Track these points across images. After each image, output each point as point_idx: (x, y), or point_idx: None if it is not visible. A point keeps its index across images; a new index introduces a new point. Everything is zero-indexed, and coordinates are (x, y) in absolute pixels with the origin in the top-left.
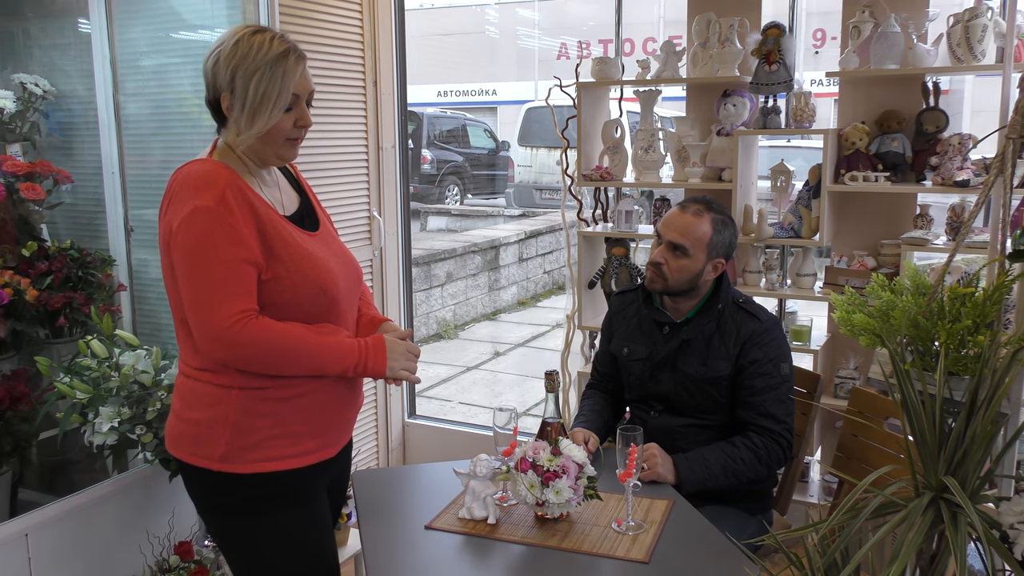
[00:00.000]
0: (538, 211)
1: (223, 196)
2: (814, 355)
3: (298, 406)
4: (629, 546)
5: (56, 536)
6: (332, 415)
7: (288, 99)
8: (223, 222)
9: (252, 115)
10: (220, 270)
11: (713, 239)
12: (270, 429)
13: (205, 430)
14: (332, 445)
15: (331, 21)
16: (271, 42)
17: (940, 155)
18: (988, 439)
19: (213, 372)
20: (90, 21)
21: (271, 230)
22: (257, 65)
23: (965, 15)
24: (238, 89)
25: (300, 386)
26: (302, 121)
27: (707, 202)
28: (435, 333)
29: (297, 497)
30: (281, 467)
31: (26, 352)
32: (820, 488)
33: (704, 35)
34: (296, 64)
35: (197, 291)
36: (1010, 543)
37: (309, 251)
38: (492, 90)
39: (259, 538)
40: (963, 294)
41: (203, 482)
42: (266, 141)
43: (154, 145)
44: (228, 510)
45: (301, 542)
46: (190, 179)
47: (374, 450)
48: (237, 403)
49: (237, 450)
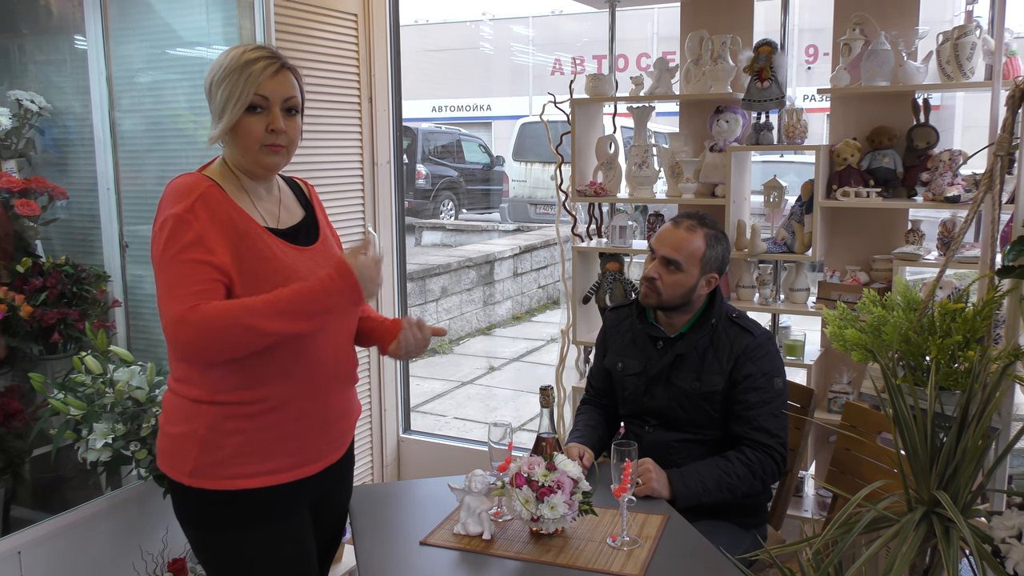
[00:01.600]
0: (533, 226)
1: (192, 205)
2: (807, 370)
3: (267, 422)
4: (624, 561)
5: (49, 553)
6: (305, 432)
7: (248, 98)
8: (188, 227)
9: (218, 116)
10: (181, 268)
11: (706, 254)
12: (237, 447)
13: (179, 444)
14: (310, 463)
15: (326, 37)
16: (244, 52)
17: (931, 171)
18: (979, 453)
19: (188, 384)
20: (86, 37)
21: (247, 241)
22: (227, 71)
23: (954, 33)
24: (212, 96)
25: (267, 401)
26: (273, 125)
27: (700, 217)
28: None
29: (269, 515)
30: (250, 485)
31: (20, 368)
32: (814, 502)
33: (697, 52)
34: (265, 69)
35: (161, 291)
36: (1002, 557)
37: (287, 264)
38: (487, 105)
39: (230, 553)
40: (953, 309)
41: (177, 495)
42: (242, 148)
43: (149, 161)
44: (200, 524)
45: (271, 562)
46: (170, 193)
47: (369, 466)
48: (206, 419)
49: (205, 466)
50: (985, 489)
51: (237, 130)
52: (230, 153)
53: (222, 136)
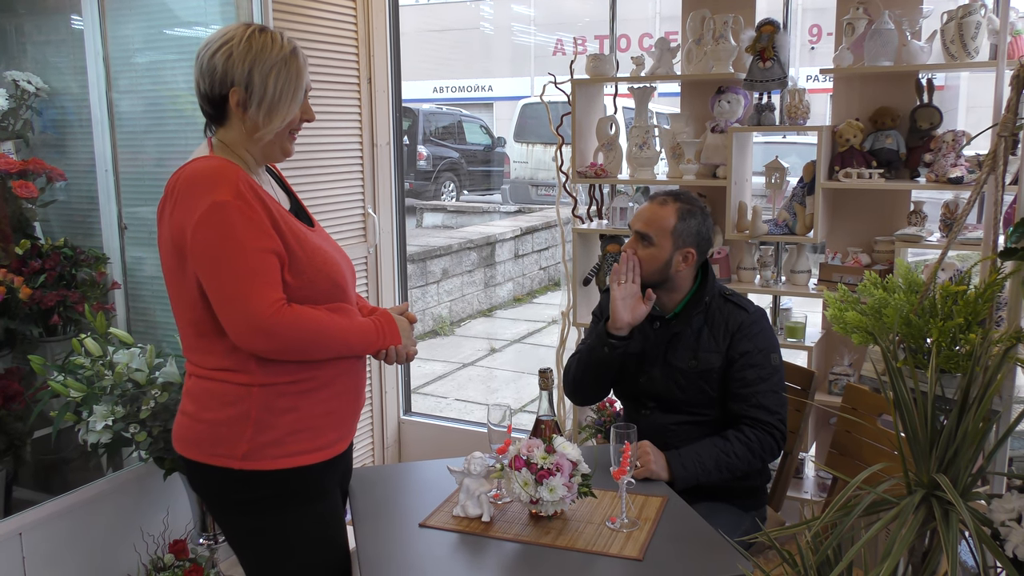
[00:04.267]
0: (534, 207)
1: (238, 189)
2: (808, 352)
3: (317, 399)
4: (623, 543)
5: (50, 535)
6: (347, 405)
7: (303, 93)
8: (244, 215)
9: (270, 111)
10: (250, 261)
11: (677, 226)
12: (291, 424)
13: (225, 430)
14: (347, 437)
15: (325, 17)
16: (282, 40)
17: (934, 152)
18: (979, 436)
19: (232, 371)
20: (83, 18)
21: (283, 225)
22: (273, 62)
23: (959, 12)
24: (255, 85)
25: (317, 379)
26: (308, 115)
27: (675, 193)
28: (431, 330)
29: (318, 492)
30: (304, 462)
31: (20, 351)
32: (814, 484)
33: (699, 32)
34: (305, 62)
35: (229, 286)
36: (1001, 540)
37: (317, 245)
38: (488, 86)
39: (280, 534)
40: (955, 292)
41: (223, 481)
42: (278, 135)
43: (148, 142)
44: (249, 508)
45: (320, 538)
46: (199, 176)
47: (369, 447)
48: (258, 400)
49: (260, 447)
50: (985, 472)
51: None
52: (245, 140)
53: (276, 131)
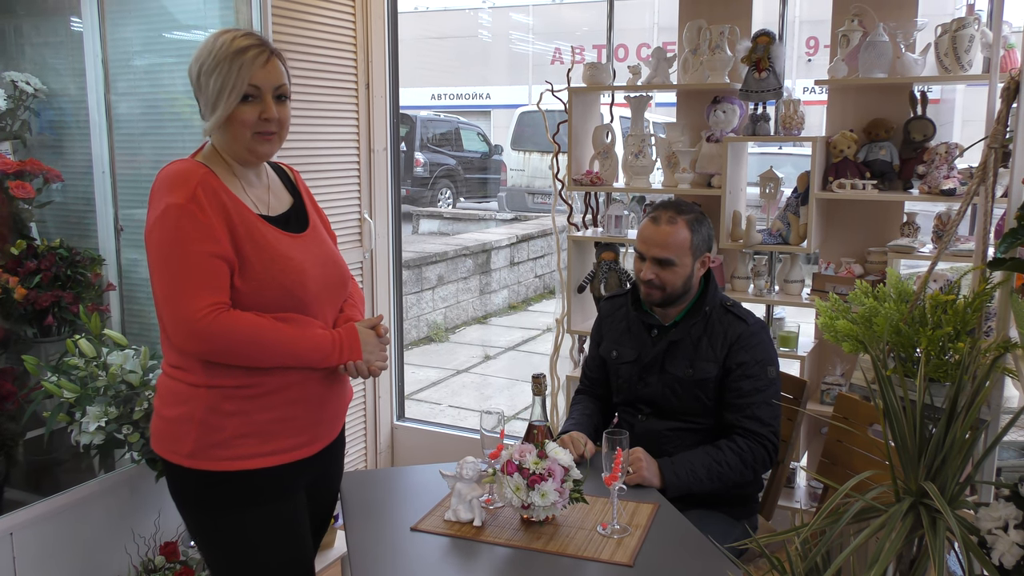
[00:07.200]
0: (530, 215)
1: (194, 193)
2: (801, 361)
3: (266, 404)
4: (614, 549)
5: (41, 535)
6: (308, 413)
7: (242, 89)
8: (193, 218)
9: (212, 107)
10: (190, 264)
11: (694, 240)
12: (237, 428)
13: (175, 427)
14: (309, 444)
15: (323, 23)
16: (234, 39)
17: (927, 164)
18: (968, 445)
19: (184, 370)
20: (82, 19)
21: (242, 230)
22: (217, 61)
23: (953, 25)
24: (202, 86)
25: (264, 385)
26: (266, 113)
27: (676, 206)
28: (425, 336)
29: (269, 495)
30: (250, 465)
31: (14, 351)
32: (806, 494)
33: (695, 42)
34: (257, 58)
35: (168, 286)
36: (988, 548)
37: (282, 252)
38: (486, 94)
39: (228, 535)
40: (944, 301)
41: (175, 477)
42: (233, 136)
43: (145, 145)
44: (198, 505)
45: (272, 540)
46: (162, 179)
47: (362, 452)
48: (204, 401)
49: (205, 447)
50: (973, 481)
51: (230, 119)
52: (221, 141)
53: (216, 127)
